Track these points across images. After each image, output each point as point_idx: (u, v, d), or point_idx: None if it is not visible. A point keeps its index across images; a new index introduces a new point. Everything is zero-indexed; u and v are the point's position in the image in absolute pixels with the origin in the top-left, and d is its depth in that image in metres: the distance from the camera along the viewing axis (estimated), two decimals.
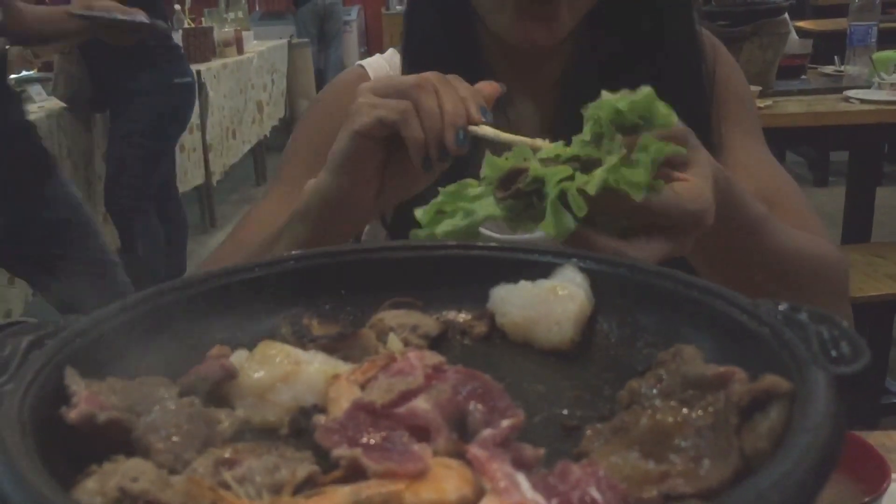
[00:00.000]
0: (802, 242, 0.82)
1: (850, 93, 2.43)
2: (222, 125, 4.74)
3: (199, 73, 4.13)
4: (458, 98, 0.67)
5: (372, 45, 8.59)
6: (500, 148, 0.67)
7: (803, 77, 2.77)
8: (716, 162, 0.69)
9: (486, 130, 0.67)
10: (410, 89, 0.67)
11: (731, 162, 0.90)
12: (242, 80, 5.19)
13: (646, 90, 0.60)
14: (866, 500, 0.68)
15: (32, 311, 3.08)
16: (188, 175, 4.23)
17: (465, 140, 0.66)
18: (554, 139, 0.92)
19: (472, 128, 0.66)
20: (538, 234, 0.92)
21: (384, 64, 1.00)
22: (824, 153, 4.81)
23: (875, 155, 2.87)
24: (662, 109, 0.60)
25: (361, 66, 1.00)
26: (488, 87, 0.71)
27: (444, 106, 0.66)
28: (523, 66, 0.92)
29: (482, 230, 0.91)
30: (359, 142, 0.68)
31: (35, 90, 3.42)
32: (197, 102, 3.88)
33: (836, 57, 2.88)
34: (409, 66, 0.94)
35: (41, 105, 3.32)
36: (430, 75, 0.68)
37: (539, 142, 0.66)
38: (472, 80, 0.72)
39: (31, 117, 3.09)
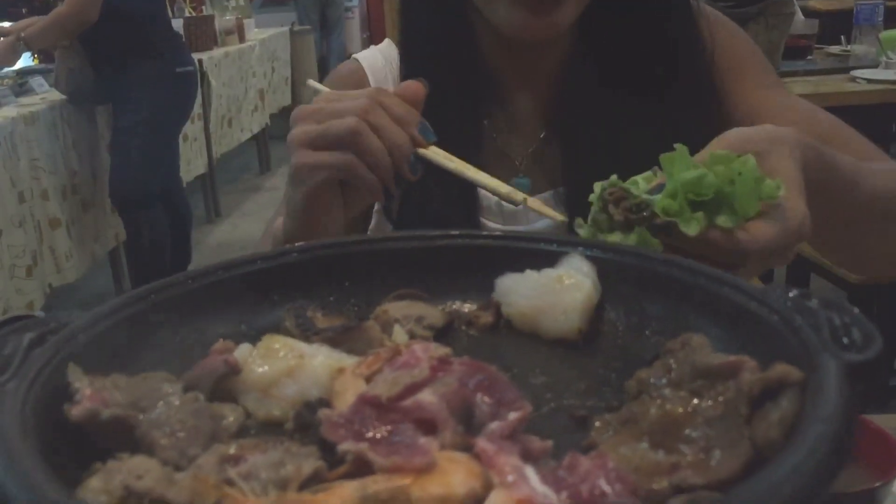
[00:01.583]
0: (889, 176, 0.80)
1: (857, 73, 2.41)
2: (218, 113, 4.72)
3: (200, 62, 4.11)
4: (396, 127, 0.65)
5: (374, 31, 8.53)
6: (445, 172, 0.66)
7: (809, 57, 2.74)
8: (798, 137, 0.66)
9: (434, 154, 0.66)
10: (346, 137, 0.64)
11: (770, 120, 0.88)
12: (244, 68, 5.17)
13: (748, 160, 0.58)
14: (877, 484, 0.68)
15: (52, 302, 3.09)
16: (190, 165, 4.23)
17: (416, 165, 0.66)
18: (553, 131, 0.92)
19: (421, 151, 0.66)
20: (540, 223, 0.92)
21: (379, 56, 0.99)
22: None
23: (883, 135, 2.85)
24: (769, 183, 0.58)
25: (356, 60, 1.00)
26: (412, 88, 0.68)
27: (386, 139, 0.64)
28: (521, 58, 0.90)
29: (483, 220, 0.90)
30: (312, 200, 0.68)
31: (37, 82, 3.41)
32: (199, 92, 3.87)
33: (842, 36, 2.85)
34: (406, 59, 0.93)
35: (43, 97, 3.31)
36: (360, 105, 0.65)
37: (477, 173, 0.66)
38: (469, 73, 0.71)
39: (34, 109, 3.09)
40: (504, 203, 0.90)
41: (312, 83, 0.72)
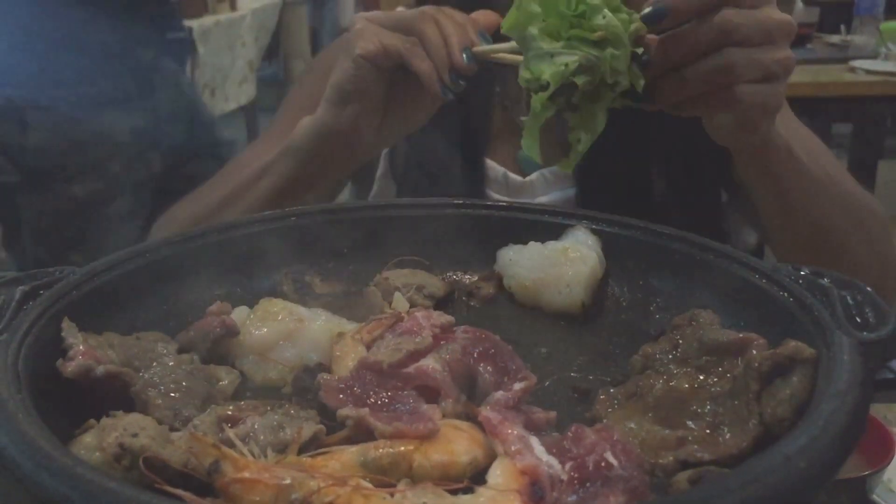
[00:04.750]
0: (847, 177, 0.79)
1: (856, 63, 2.40)
2: (200, 82, 4.62)
3: (190, 29, 4.04)
4: (457, 24, 0.66)
5: (368, 5, 8.43)
6: (503, 69, 0.65)
7: (808, 46, 2.73)
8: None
9: (487, 50, 0.65)
10: (411, 21, 0.66)
11: None
12: (233, 37, 5.09)
13: None
14: (866, 472, 0.68)
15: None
16: None
17: (471, 59, 0.65)
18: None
19: (475, 49, 0.65)
20: (547, 197, 0.91)
21: None
22: (826, 125, 4.75)
23: (878, 127, 2.85)
24: None
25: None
26: (485, 16, 0.68)
27: (446, 31, 0.65)
28: None
29: (489, 191, 0.89)
30: (363, 68, 0.66)
31: None
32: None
33: (842, 26, 2.83)
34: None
35: None
36: (427, 8, 0.67)
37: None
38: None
39: None
40: (510, 175, 0.89)
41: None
